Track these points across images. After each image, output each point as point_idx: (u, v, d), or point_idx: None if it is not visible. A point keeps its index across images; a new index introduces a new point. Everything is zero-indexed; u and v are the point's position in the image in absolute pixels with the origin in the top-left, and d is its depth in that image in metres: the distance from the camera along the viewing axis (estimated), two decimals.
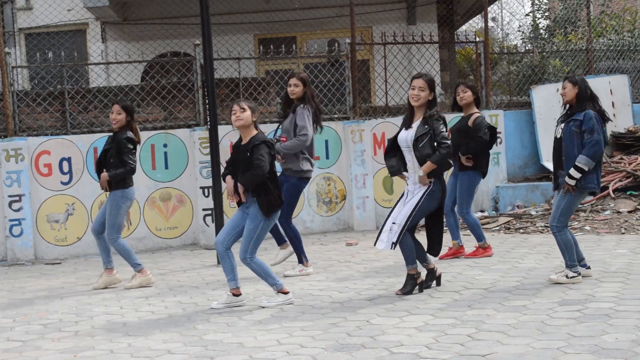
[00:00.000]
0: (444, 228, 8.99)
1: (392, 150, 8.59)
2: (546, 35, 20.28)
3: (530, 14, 21.78)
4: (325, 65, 14.86)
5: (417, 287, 8.47)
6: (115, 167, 9.51)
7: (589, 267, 8.85)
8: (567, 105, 8.63)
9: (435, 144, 8.25)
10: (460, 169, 10.24)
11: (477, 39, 15.94)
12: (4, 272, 11.53)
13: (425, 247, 8.69)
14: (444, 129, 8.32)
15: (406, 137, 8.42)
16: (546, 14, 21.81)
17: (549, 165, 14.29)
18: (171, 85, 13.28)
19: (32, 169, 12.27)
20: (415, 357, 6.16)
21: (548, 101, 15.04)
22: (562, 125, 8.55)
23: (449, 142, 8.27)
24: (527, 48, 18.17)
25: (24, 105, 12.76)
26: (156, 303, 8.74)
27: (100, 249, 9.79)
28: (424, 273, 8.68)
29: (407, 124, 8.48)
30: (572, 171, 8.30)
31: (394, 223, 8.33)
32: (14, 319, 8.34)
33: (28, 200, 12.19)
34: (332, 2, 17.15)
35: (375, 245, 8.57)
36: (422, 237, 8.83)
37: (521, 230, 12.50)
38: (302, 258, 9.93)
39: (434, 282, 8.70)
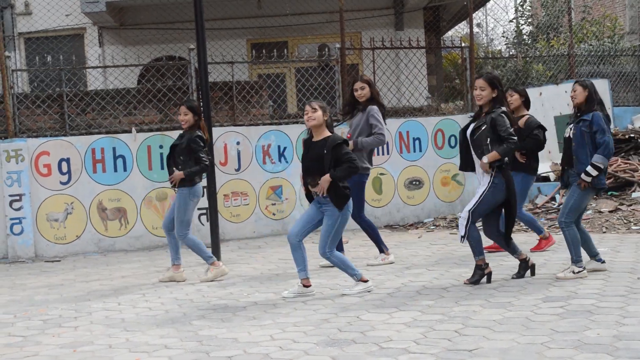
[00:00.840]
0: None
1: (463, 146, 8.88)
2: (529, 41, 20.55)
3: (514, 21, 22.08)
4: (315, 69, 15.03)
5: (486, 277, 8.72)
6: (184, 164, 9.68)
7: (603, 262, 9.05)
8: (576, 108, 8.84)
9: (496, 138, 8.49)
10: (513, 168, 10.39)
11: (463, 44, 16.13)
12: (5, 269, 11.67)
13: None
14: (508, 124, 8.49)
15: (469, 131, 8.73)
16: (529, 20, 22.08)
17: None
18: (167, 88, 13.41)
19: (32, 169, 12.40)
20: (404, 352, 6.24)
21: (531, 104, 15.25)
22: (572, 126, 8.77)
23: (515, 138, 8.49)
24: (511, 53, 18.45)
25: (24, 107, 12.88)
26: (153, 299, 8.83)
27: (169, 245, 9.99)
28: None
29: (474, 119, 8.81)
30: (589, 169, 8.53)
31: (461, 217, 8.62)
32: (15, 315, 8.40)
33: (28, 200, 12.34)
34: (323, 8, 17.29)
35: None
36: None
37: None
38: (382, 248, 10.26)
39: (528, 272, 8.86)
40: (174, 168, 9.78)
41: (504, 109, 8.61)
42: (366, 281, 8.61)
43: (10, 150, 12.33)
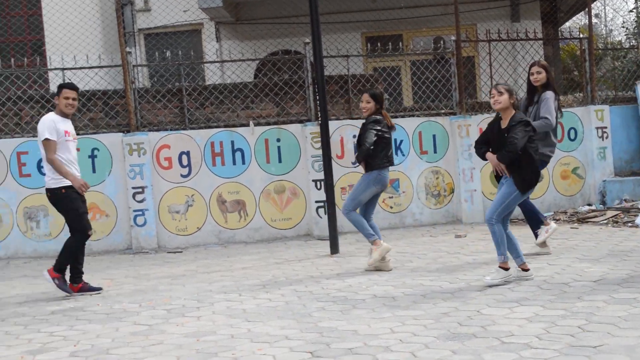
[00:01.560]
0: None
1: None
2: None
3: (634, 10, 21.51)
4: (431, 62, 14.98)
5: None
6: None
7: None
8: None
9: None
10: None
11: (581, 36, 15.86)
12: (130, 259, 11.97)
13: None
14: None
15: None
16: None
17: None
18: (283, 82, 13.54)
19: (154, 162, 12.69)
20: (526, 347, 6.13)
21: None
22: None
23: None
24: (631, 44, 18.00)
25: (145, 101, 13.19)
26: (273, 291, 8.91)
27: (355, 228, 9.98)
28: None
29: None
30: None
31: None
32: (140, 304, 8.58)
33: (150, 192, 12.65)
34: (438, 1, 17.22)
35: None
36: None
37: (629, 224, 12.37)
38: (541, 220, 10.21)
39: None
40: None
41: None
42: (507, 269, 8.55)
43: (133, 144, 12.64)
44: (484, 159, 8.74)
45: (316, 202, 12.97)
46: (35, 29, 18.62)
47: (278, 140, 13.14)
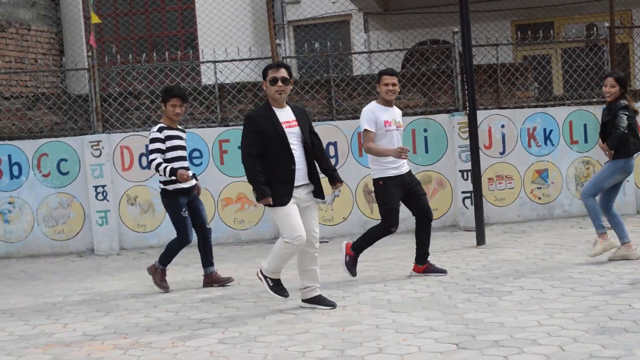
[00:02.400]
0: None
1: None
2: None
3: None
4: (583, 49, 14.67)
5: None
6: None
7: None
8: None
9: None
10: None
11: None
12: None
13: None
14: None
15: None
16: None
17: None
18: (431, 72, 13.50)
19: None
20: None
21: None
22: None
23: None
24: None
25: (294, 93, 13.27)
26: (418, 282, 8.92)
27: (612, 225, 9.78)
28: None
29: None
30: None
31: None
32: None
33: None
34: None
35: None
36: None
37: None
38: None
39: None
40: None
41: None
42: None
43: None
44: None
45: (462, 192, 12.86)
46: (189, 22, 19.13)
47: (425, 130, 13.08)
